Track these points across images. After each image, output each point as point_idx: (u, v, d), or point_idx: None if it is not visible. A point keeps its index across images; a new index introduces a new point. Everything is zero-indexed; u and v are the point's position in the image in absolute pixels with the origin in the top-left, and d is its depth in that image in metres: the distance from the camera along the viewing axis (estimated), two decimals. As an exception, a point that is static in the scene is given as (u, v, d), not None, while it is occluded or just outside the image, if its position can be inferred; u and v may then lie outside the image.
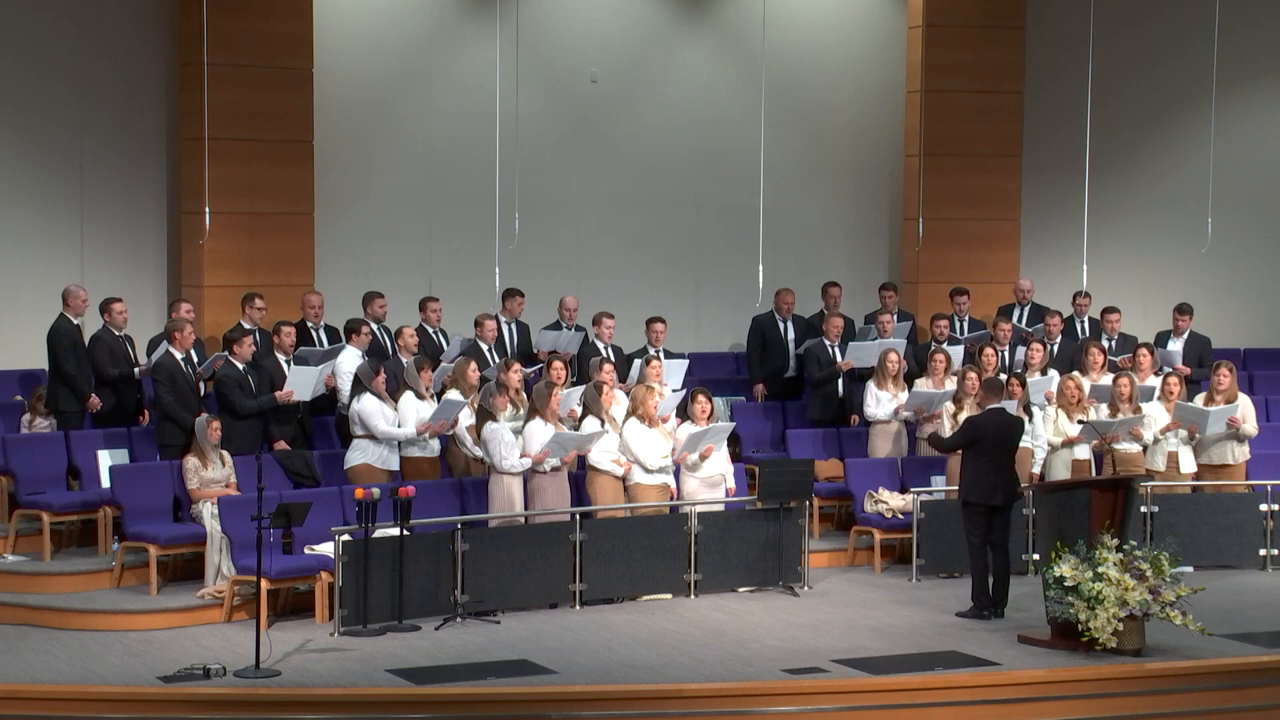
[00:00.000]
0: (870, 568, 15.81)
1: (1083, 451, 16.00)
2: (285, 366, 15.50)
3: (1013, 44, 19.83)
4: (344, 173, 18.32)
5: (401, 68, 18.66)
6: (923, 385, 16.60)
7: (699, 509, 14.83)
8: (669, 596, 14.65)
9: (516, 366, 15.43)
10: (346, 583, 13.31)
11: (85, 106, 17.38)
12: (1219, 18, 19.22)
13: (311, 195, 17.86)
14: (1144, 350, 17.00)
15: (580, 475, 15.00)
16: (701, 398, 15.25)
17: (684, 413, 15.46)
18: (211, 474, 14.38)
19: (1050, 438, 15.98)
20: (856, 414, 17.23)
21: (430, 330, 16.99)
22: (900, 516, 15.72)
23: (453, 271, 18.69)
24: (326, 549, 13.58)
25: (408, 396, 15.04)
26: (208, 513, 14.00)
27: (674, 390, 16.07)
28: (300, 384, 15.25)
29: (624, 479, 14.89)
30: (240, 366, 15.22)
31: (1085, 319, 18.56)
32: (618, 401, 15.32)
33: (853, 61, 20.19)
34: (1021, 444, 15.31)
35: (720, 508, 15.05)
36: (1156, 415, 16.18)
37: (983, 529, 14.08)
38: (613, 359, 16.37)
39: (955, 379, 16.40)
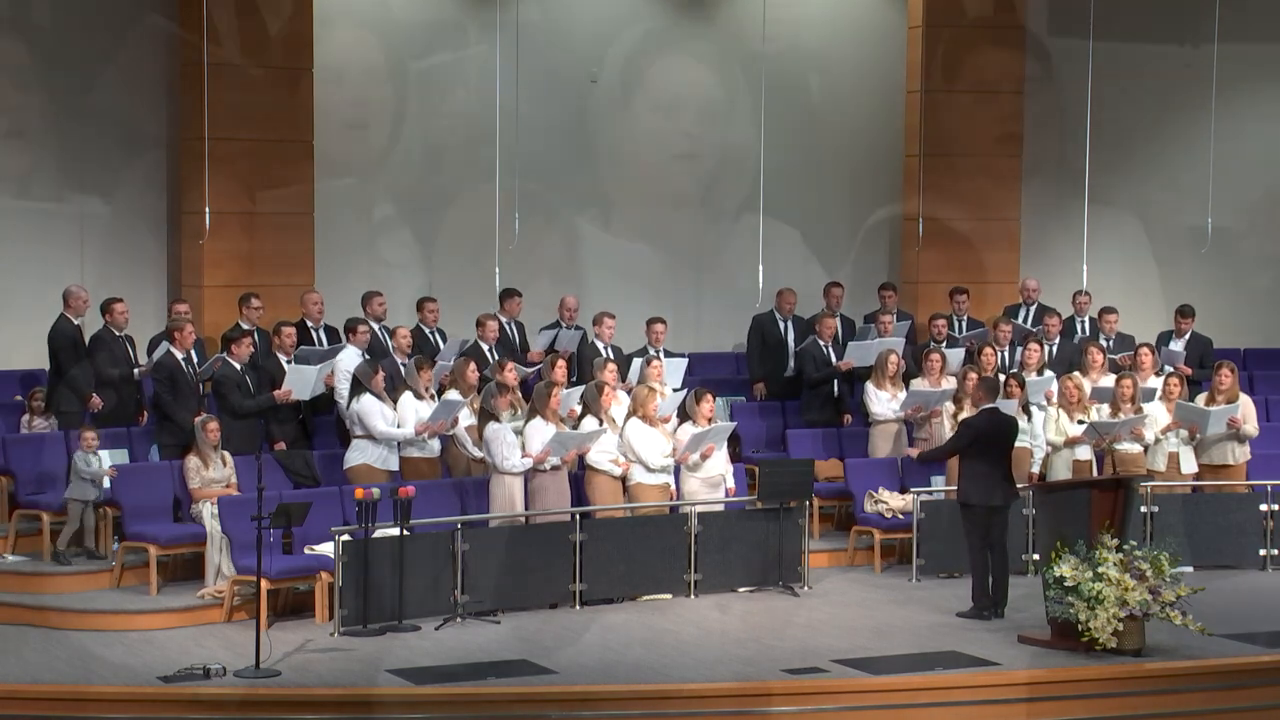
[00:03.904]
0: (870, 568, 15.80)
1: (1084, 452, 15.99)
2: (286, 366, 15.49)
3: (1013, 44, 19.82)
4: (344, 173, 18.32)
5: (401, 68, 18.66)
6: (919, 385, 16.59)
7: (699, 509, 14.82)
8: (669, 596, 14.64)
9: (511, 366, 15.45)
10: (346, 583, 13.30)
11: (85, 106, 17.37)
12: (1219, 17, 19.21)
13: (311, 195, 17.85)
14: (1145, 350, 17.00)
15: (580, 475, 15.00)
16: (708, 397, 15.22)
17: (683, 413, 15.44)
18: (212, 474, 14.38)
19: (1052, 438, 15.97)
20: (850, 414, 17.25)
21: (427, 330, 16.98)
22: (900, 516, 15.72)
23: (453, 271, 18.69)
24: (326, 549, 13.58)
25: (406, 397, 15.02)
26: (208, 513, 13.99)
27: (674, 390, 16.06)
28: (299, 383, 15.24)
29: (623, 479, 14.89)
30: (239, 366, 15.22)
31: (1085, 319, 18.56)
32: (618, 401, 15.31)
33: (853, 61, 20.18)
34: (1021, 444, 15.33)
35: (720, 508, 15.04)
36: (1157, 415, 16.17)
37: (982, 530, 14.07)
38: (613, 359, 16.36)
39: (954, 378, 16.40)
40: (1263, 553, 15.96)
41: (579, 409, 15.28)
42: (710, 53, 19.76)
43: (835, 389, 17.44)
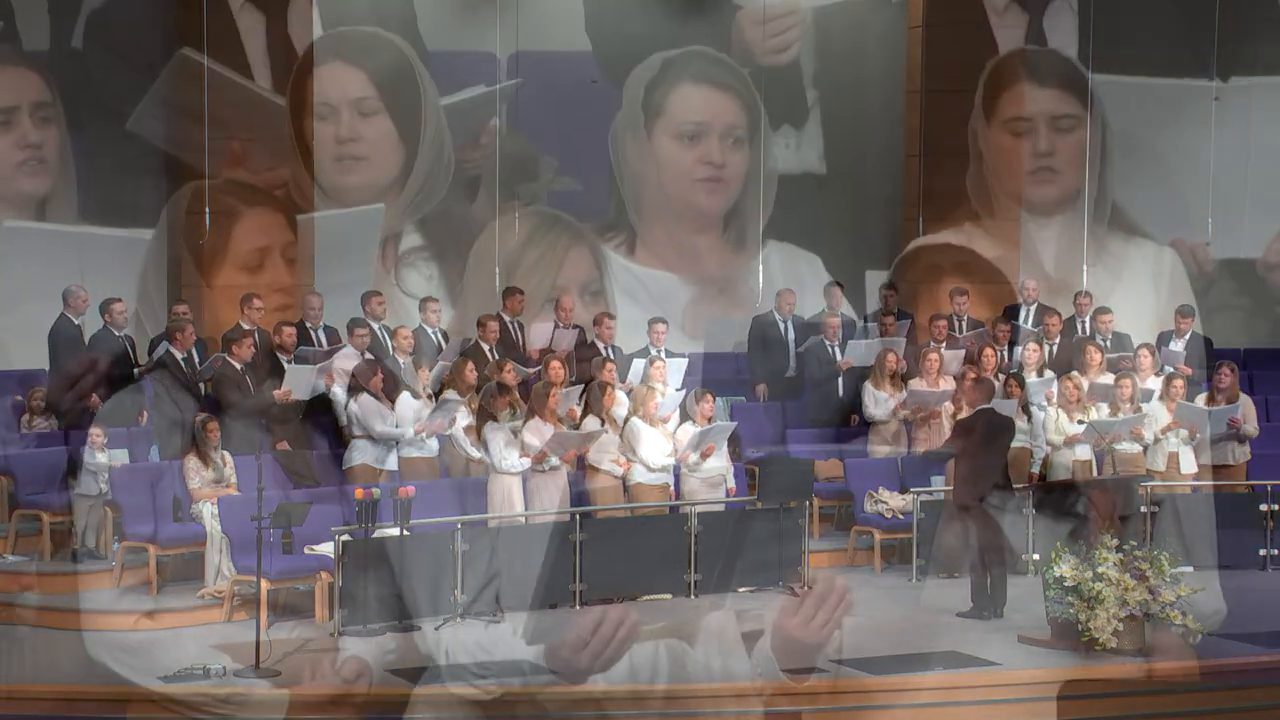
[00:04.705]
0: (870, 568, 15.79)
1: (1084, 451, 15.98)
2: (286, 366, 15.49)
3: (1014, 45, 19.80)
4: (344, 172, 18.33)
5: (401, 67, 18.67)
6: (917, 385, 16.59)
7: (699, 509, 14.82)
8: (669, 596, 14.63)
9: (511, 366, 15.45)
10: (346, 583, 13.30)
11: (85, 110, 17.38)
12: (1219, 16, 19.21)
13: (311, 195, 17.87)
14: (1145, 350, 17.00)
15: (580, 475, 15.00)
16: (708, 397, 15.23)
17: (685, 412, 15.44)
18: (212, 474, 14.38)
19: (1052, 438, 15.97)
20: (858, 413, 17.24)
21: (429, 330, 16.97)
22: (900, 516, 15.71)
23: (452, 271, 18.69)
24: (326, 549, 13.57)
25: (404, 397, 15.03)
26: (208, 513, 13.99)
27: (675, 390, 16.06)
28: (298, 383, 15.24)
29: (624, 478, 14.89)
30: (239, 367, 15.22)
31: (1086, 319, 18.55)
32: (618, 402, 15.32)
33: (853, 61, 20.18)
34: (1021, 444, 15.33)
35: (720, 508, 15.04)
36: (1157, 415, 16.17)
37: (980, 530, 14.06)
38: (613, 359, 16.36)
39: (954, 379, 16.39)
40: (1263, 553, 15.94)
41: (578, 409, 15.29)
42: (710, 52, 19.76)
43: (841, 388, 17.43)
